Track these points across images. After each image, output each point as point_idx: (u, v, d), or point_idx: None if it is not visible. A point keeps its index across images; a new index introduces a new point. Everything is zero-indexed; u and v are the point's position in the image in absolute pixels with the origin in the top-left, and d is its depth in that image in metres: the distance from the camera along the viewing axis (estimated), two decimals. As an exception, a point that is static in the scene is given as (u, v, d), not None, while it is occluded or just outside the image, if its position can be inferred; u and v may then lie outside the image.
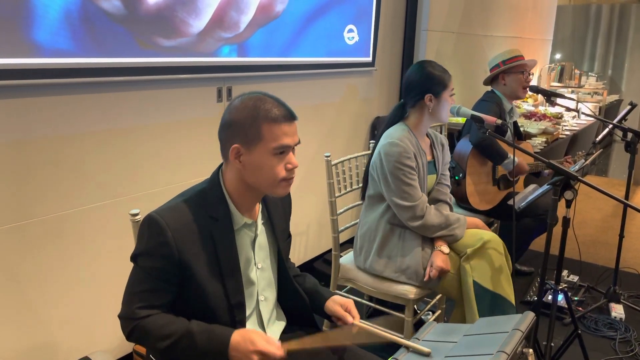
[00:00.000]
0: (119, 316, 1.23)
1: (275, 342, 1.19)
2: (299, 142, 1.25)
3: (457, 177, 2.68)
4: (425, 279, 1.97)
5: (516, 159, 2.70)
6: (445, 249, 2.00)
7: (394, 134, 2.01)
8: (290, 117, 1.22)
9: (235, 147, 1.21)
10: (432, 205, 2.05)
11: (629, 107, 2.70)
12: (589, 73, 7.89)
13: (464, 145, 2.71)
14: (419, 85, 2.01)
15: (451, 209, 2.18)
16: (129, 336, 1.22)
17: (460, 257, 2.00)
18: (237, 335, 1.18)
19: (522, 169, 2.73)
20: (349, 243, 3.31)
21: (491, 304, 1.90)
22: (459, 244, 2.03)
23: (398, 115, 2.09)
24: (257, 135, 1.19)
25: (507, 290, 1.93)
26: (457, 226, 2.03)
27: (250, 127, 1.19)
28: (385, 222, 2.05)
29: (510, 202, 2.75)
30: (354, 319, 1.35)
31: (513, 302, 1.93)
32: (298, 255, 3.10)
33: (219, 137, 1.26)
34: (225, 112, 1.25)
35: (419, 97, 2.01)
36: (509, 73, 2.79)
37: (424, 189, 2.05)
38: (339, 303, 1.39)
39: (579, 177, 1.72)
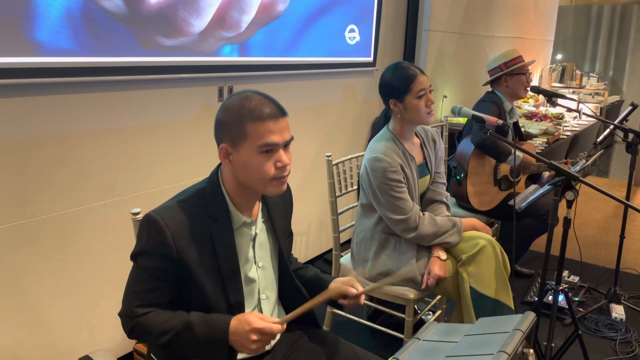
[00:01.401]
0: (119, 314, 1.24)
1: (272, 318, 1.19)
2: (291, 139, 1.23)
3: (458, 177, 2.68)
4: (422, 287, 1.96)
5: (520, 155, 2.70)
6: (443, 255, 1.97)
7: (377, 146, 1.95)
8: (276, 114, 1.19)
9: (223, 147, 1.21)
10: (427, 213, 2.01)
11: (630, 107, 2.70)
12: (590, 74, 7.89)
13: (466, 146, 2.71)
14: (382, 92, 1.99)
15: (448, 208, 2.15)
16: (130, 334, 1.23)
17: (457, 261, 1.98)
18: (234, 320, 1.18)
19: (527, 163, 2.73)
20: (350, 243, 3.30)
21: (489, 310, 1.88)
22: (455, 248, 2.00)
23: (382, 121, 2.08)
24: (242, 133, 1.18)
25: (505, 295, 1.91)
26: (452, 232, 1.99)
27: (235, 125, 1.19)
28: (380, 232, 2.03)
29: (511, 202, 2.75)
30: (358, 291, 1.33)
31: (512, 306, 1.91)
32: (299, 254, 3.10)
33: (214, 138, 1.26)
34: (217, 112, 1.25)
35: (387, 103, 1.98)
36: (512, 75, 2.79)
37: (415, 197, 2.01)
38: (341, 281, 1.35)
39: (580, 178, 1.72)
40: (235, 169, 1.23)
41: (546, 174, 2.93)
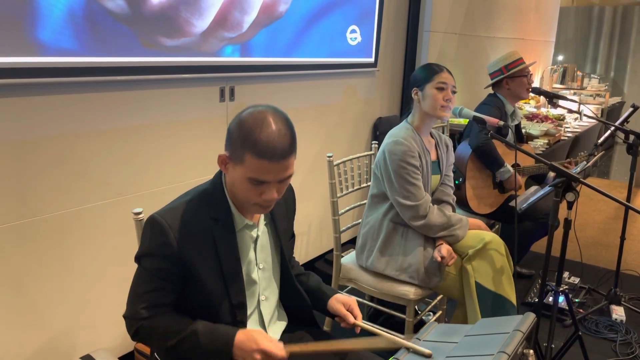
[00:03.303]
0: (124, 316, 1.24)
1: (278, 343, 1.20)
2: (289, 176, 1.20)
3: (457, 182, 2.68)
4: (438, 259, 1.95)
5: (511, 170, 2.69)
6: (448, 246, 2.00)
7: (398, 133, 2.02)
8: (280, 155, 1.14)
9: (222, 156, 1.21)
10: (435, 206, 2.06)
11: (631, 109, 2.70)
12: (592, 75, 7.88)
13: (464, 150, 2.71)
14: (410, 84, 2.09)
15: (454, 210, 2.18)
16: (134, 336, 1.24)
17: (462, 258, 2.00)
18: (241, 335, 1.19)
19: (516, 182, 2.74)
20: (351, 243, 3.31)
21: (493, 305, 1.90)
22: (460, 244, 2.03)
23: (405, 114, 2.13)
24: (240, 158, 1.17)
25: (509, 291, 1.93)
26: (460, 227, 2.03)
27: (237, 147, 1.17)
28: (388, 221, 2.06)
29: (512, 203, 2.75)
30: (357, 318, 1.36)
31: (515, 302, 1.94)
32: (299, 255, 3.11)
33: None
34: (233, 119, 1.23)
35: (410, 93, 2.07)
36: (513, 77, 2.79)
37: (428, 188, 2.06)
38: (342, 302, 1.39)
39: (581, 179, 1.73)
40: (228, 178, 1.25)
41: (551, 174, 2.93)
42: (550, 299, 2.66)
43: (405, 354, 1.18)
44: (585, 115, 3.00)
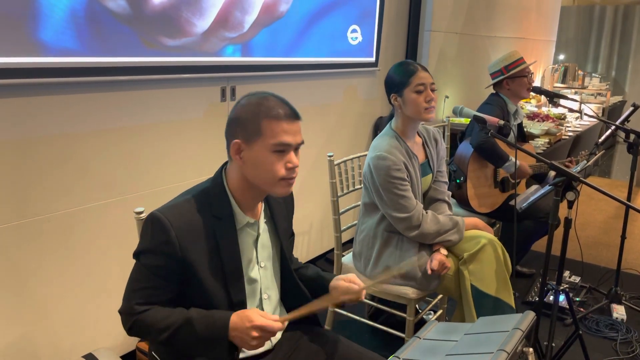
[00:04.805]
0: (120, 311, 1.25)
1: (272, 315, 1.20)
2: (302, 143, 1.25)
3: (458, 181, 2.68)
4: (429, 272, 1.95)
5: (518, 161, 2.69)
6: (444, 251, 1.99)
7: (381, 144, 1.97)
8: (292, 116, 1.23)
9: (236, 143, 1.23)
10: (429, 211, 2.03)
11: (632, 108, 2.70)
12: (593, 74, 7.87)
13: (465, 149, 2.71)
14: (386, 88, 2.03)
15: (450, 207, 2.16)
16: (130, 331, 1.24)
17: (458, 259, 1.99)
18: (234, 317, 1.19)
19: (524, 171, 2.73)
20: (351, 242, 3.31)
21: (490, 308, 1.89)
22: (457, 247, 2.01)
23: (387, 121, 2.10)
24: (257, 130, 1.20)
25: (506, 293, 1.92)
26: (454, 231, 2.00)
27: (250, 122, 1.21)
28: (383, 230, 2.04)
29: (512, 202, 2.75)
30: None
31: (513, 304, 1.93)
32: (300, 254, 3.11)
33: (225, 135, 1.27)
34: (231, 110, 1.27)
35: (389, 99, 2.01)
36: (513, 78, 2.79)
37: (419, 194, 2.03)
38: (342, 278, 1.37)
39: (581, 178, 1.73)
40: (245, 166, 1.24)
41: (552, 173, 2.93)
42: (551, 298, 2.66)
43: (405, 352, 1.18)
44: (586, 114, 3.01)
